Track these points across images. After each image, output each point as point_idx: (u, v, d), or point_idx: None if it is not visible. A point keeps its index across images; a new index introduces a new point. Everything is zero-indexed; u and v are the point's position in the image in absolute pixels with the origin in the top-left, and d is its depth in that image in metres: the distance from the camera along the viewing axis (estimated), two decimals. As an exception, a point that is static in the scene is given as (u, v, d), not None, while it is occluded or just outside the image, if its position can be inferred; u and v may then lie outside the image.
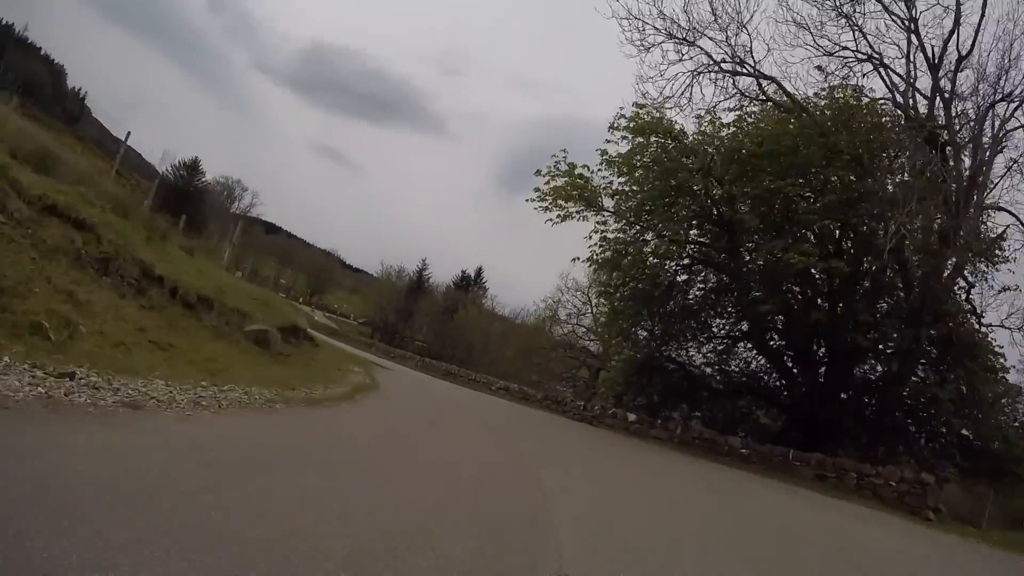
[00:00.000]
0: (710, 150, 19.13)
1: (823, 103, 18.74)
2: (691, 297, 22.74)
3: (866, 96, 18.43)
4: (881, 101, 18.38)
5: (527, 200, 20.32)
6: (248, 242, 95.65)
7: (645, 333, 23.11)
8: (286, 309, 17.20)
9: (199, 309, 9.82)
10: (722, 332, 22.86)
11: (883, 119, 18.53)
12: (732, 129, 19.72)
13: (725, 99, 18.82)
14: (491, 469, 8.24)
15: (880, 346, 18.87)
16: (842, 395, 19.44)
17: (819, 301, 20.20)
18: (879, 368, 19.95)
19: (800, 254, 17.09)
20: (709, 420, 20.69)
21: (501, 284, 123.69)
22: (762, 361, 22.31)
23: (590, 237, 20.79)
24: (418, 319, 72.90)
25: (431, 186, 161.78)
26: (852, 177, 18.10)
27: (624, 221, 20.50)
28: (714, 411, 21.61)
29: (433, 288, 77.24)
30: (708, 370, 23.59)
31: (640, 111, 19.10)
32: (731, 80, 18.59)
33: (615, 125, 19.50)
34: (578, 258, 22.46)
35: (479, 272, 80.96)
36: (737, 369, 23.02)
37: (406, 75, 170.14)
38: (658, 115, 19.10)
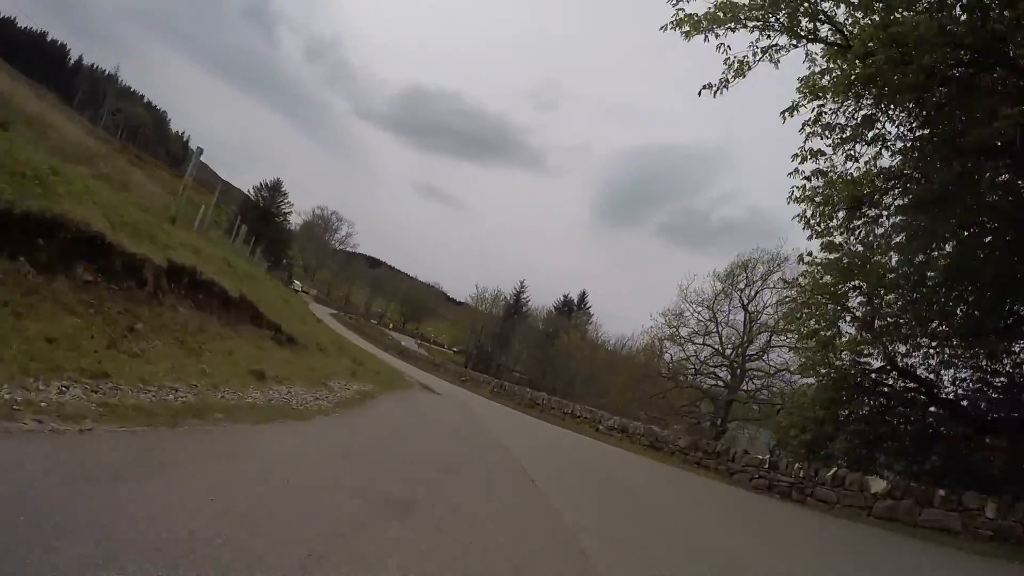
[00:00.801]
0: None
1: None
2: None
3: None
4: None
5: (662, 28, 11.58)
6: (351, 273, 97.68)
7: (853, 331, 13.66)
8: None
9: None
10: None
11: None
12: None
13: None
14: None
15: None
16: None
17: None
18: None
19: None
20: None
21: (602, 317, 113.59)
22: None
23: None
24: (516, 347, 66.02)
25: (532, 221, 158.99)
26: None
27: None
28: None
29: (532, 313, 70.02)
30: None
31: None
32: None
33: None
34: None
35: (583, 297, 72.63)
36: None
37: (502, 111, 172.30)
38: None
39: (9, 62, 52.56)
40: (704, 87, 11.70)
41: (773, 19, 10.73)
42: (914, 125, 11.94)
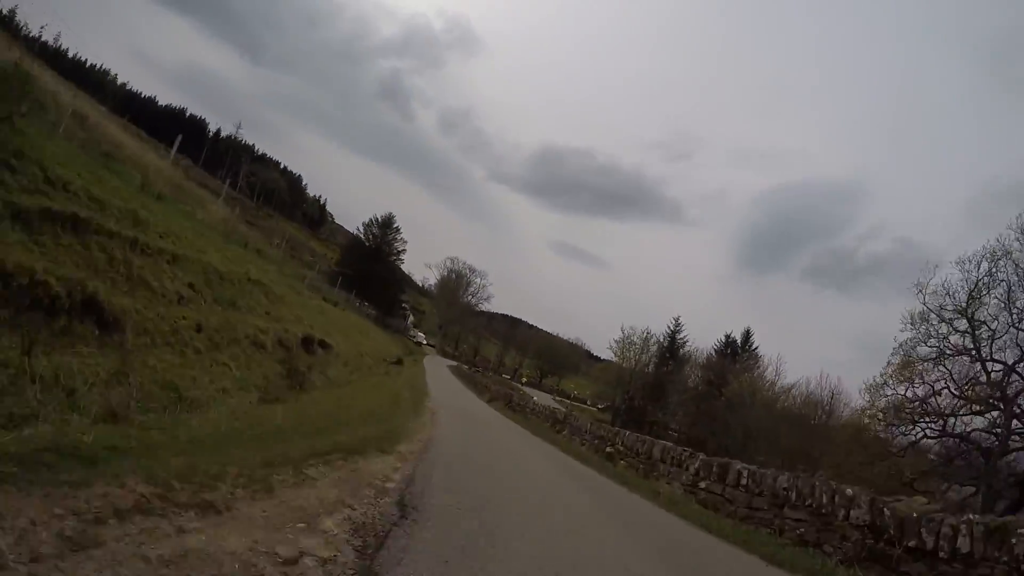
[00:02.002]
0: None
1: None
2: None
3: None
4: None
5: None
6: (477, 325, 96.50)
7: None
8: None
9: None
10: None
11: None
12: None
13: None
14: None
15: None
16: None
17: None
18: None
19: None
20: None
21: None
22: None
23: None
24: (673, 398, 56.41)
25: (673, 274, 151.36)
26: None
27: None
28: None
29: (691, 356, 59.85)
30: None
31: None
32: None
33: None
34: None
35: (747, 336, 61.08)
36: None
37: (636, 165, 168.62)
38: None
39: (153, 135, 60.38)
40: None
41: None
42: None
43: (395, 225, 59.74)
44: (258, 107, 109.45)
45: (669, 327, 60.43)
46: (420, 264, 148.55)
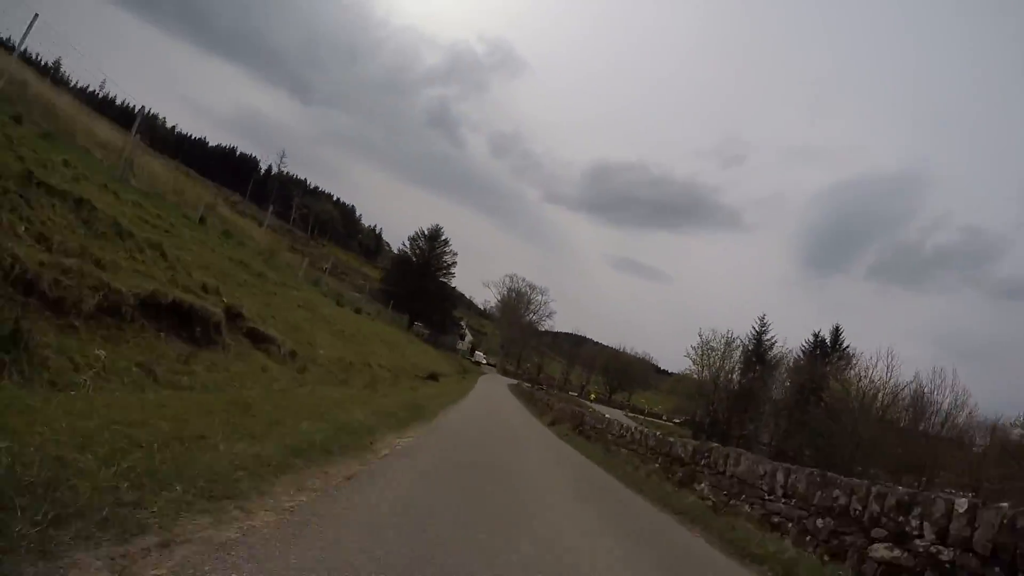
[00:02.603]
0: None
1: None
2: None
3: None
4: None
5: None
6: (539, 343, 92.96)
7: None
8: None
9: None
10: None
11: None
12: None
13: None
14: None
15: None
16: None
17: None
18: None
19: None
20: None
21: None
22: None
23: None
24: (765, 407, 49.65)
25: (734, 282, 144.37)
26: None
27: None
28: None
29: (779, 360, 53.12)
30: None
31: None
32: None
33: None
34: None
35: (837, 333, 53.99)
36: None
37: (690, 174, 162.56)
38: None
39: (207, 175, 61.14)
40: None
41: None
42: None
43: (443, 237, 55.86)
44: (312, 145, 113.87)
45: (754, 328, 53.99)
46: (479, 287, 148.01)
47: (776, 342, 53.15)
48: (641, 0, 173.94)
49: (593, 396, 70.17)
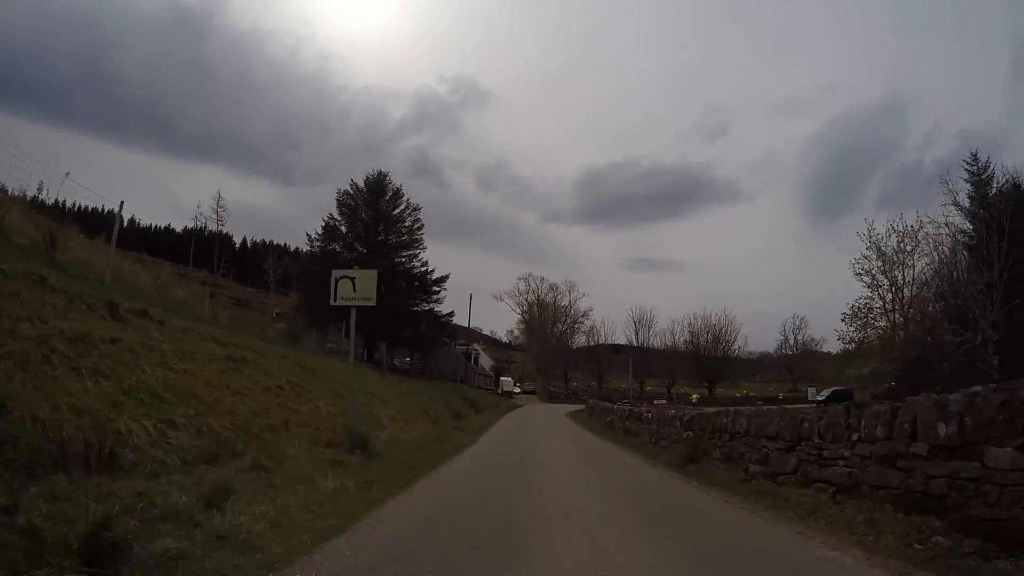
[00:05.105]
0: None
1: None
2: None
3: None
4: None
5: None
6: (600, 362, 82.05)
7: None
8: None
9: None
10: None
11: None
12: None
13: None
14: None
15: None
16: None
17: None
18: None
19: None
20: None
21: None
22: None
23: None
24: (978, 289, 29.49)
25: (749, 252, 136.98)
26: None
27: None
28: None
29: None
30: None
31: None
32: None
33: None
34: None
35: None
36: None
37: (678, 157, 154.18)
38: None
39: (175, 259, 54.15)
40: None
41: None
42: None
43: (393, 185, 35.53)
44: (303, 222, 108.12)
45: (965, 163, 31.60)
46: (501, 323, 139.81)
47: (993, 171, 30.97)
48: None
49: (696, 398, 58.21)
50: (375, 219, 34.09)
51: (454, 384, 38.34)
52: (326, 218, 35.31)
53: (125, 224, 67.72)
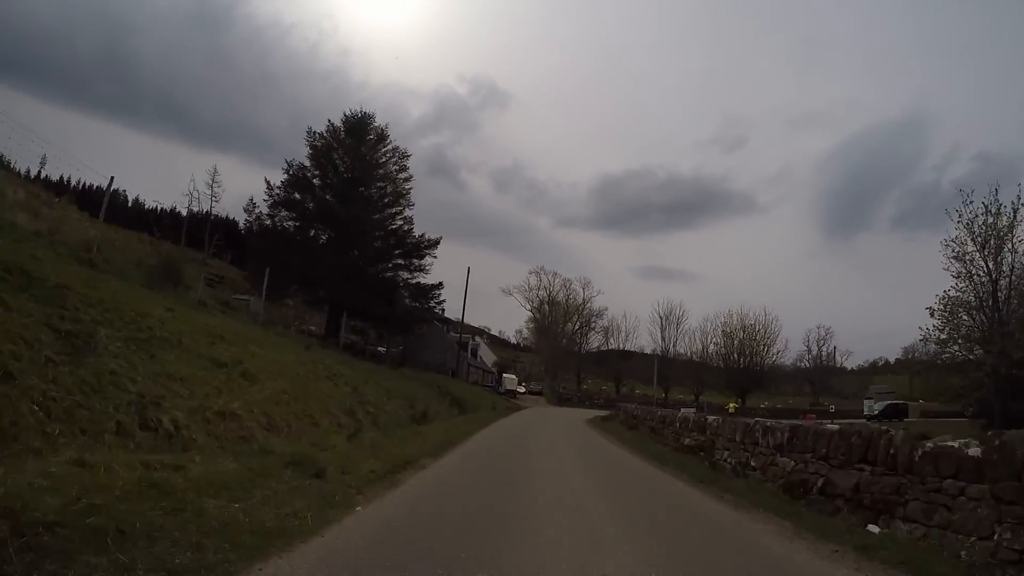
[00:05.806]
0: None
1: None
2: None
3: None
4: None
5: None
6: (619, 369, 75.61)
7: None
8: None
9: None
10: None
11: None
12: None
13: None
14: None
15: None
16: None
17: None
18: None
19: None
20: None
21: (867, 335, 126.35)
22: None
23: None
24: None
25: (761, 265, 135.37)
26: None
27: None
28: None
29: None
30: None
31: None
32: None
33: None
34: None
35: None
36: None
37: (695, 168, 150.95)
38: None
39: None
40: None
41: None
42: None
43: (376, 126, 29.42)
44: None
45: None
46: (508, 326, 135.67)
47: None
48: (608, 3, 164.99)
49: (732, 407, 53.23)
50: (354, 166, 27.99)
51: (440, 377, 32.29)
52: (288, 165, 28.17)
53: (130, 204, 64.33)
